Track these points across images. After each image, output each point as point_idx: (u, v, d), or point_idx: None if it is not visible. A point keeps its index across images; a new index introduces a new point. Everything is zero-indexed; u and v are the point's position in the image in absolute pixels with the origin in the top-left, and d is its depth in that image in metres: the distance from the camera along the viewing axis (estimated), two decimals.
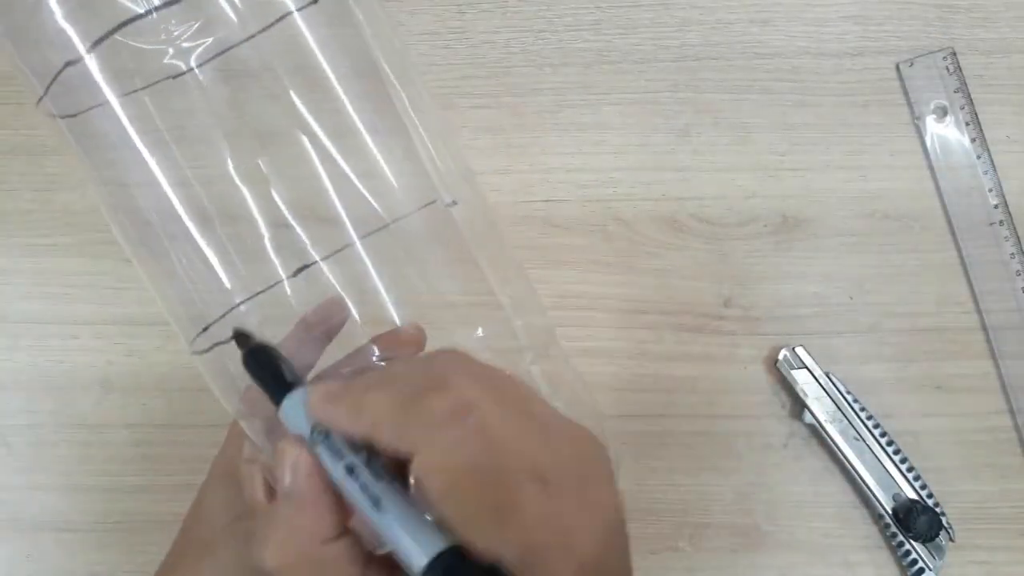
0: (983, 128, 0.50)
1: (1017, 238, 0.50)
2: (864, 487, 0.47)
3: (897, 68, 0.52)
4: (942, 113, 0.51)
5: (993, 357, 0.49)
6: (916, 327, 0.50)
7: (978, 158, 0.50)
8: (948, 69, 0.51)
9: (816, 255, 0.50)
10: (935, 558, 0.46)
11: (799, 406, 0.48)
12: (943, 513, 0.47)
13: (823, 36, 0.52)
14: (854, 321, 0.50)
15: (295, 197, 0.34)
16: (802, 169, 0.51)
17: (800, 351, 0.48)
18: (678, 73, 0.52)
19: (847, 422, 0.48)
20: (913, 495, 0.47)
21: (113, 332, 0.51)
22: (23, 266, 0.51)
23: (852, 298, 0.50)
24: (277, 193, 0.34)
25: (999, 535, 0.48)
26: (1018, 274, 0.50)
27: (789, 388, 0.48)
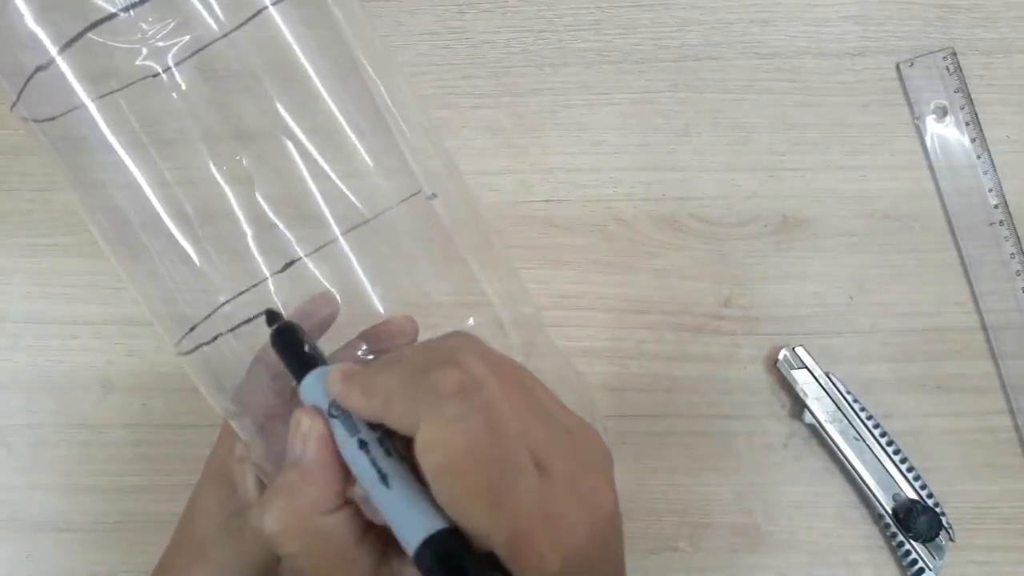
0: (983, 128, 0.50)
1: (1017, 238, 0.50)
2: (864, 487, 0.47)
3: (897, 68, 0.52)
4: (942, 113, 0.51)
5: (993, 357, 0.49)
6: (916, 327, 0.50)
7: (978, 158, 0.50)
8: (948, 69, 0.51)
9: (816, 255, 0.50)
10: (935, 558, 0.46)
11: (799, 406, 0.48)
12: (943, 513, 0.47)
13: (823, 36, 0.52)
14: (854, 321, 0.50)
15: (276, 195, 0.34)
16: (802, 169, 0.51)
17: (800, 351, 0.48)
18: (678, 73, 0.52)
19: (847, 422, 0.48)
20: (913, 495, 0.47)
21: (113, 332, 0.51)
22: (23, 266, 0.51)
23: (852, 298, 0.50)
24: (258, 191, 0.34)
25: (999, 535, 0.48)
26: (1018, 274, 0.50)
27: (789, 388, 0.48)
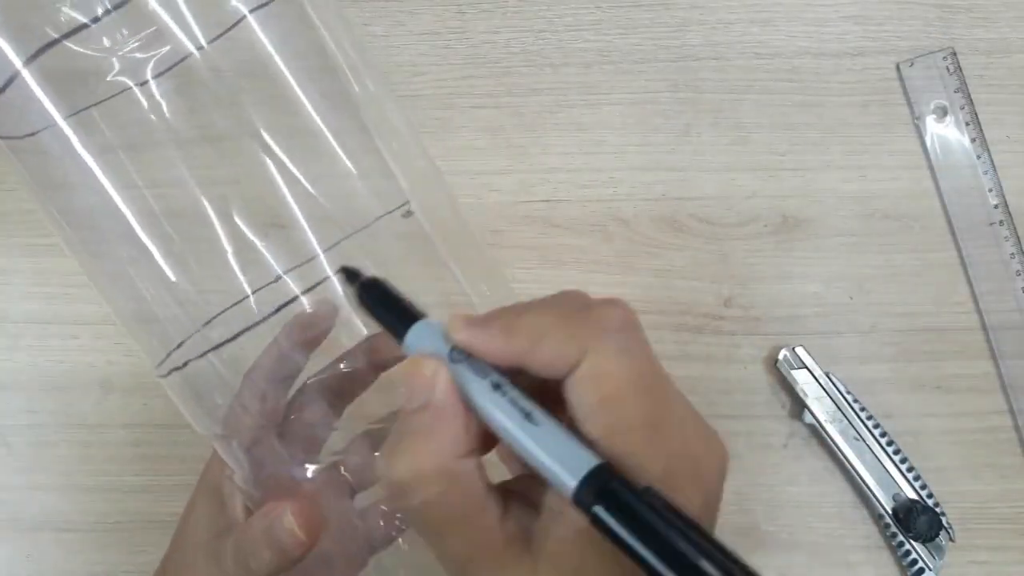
0: (983, 128, 0.50)
1: (1017, 238, 0.50)
2: (864, 487, 0.47)
3: (897, 68, 0.52)
4: (942, 113, 0.51)
5: (993, 357, 0.49)
6: (916, 327, 0.50)
7: (978, 158, 0.50)
8: (948, 69, 0.51)
9: (816, 255, 0.50)
10: (935, 558, 0.46)
11: (799, 406, 0.48)
12: (943, 513, 0.47)
13: (823, 36, 0.52)
14: (854, 321, 0.50)
15: (257, 210, 0.33)
16: (802, 169, 0.51)
17: (800, 351, 0.48)
18: (678, 73, 0.52)
19: (847, 422, 0.48)
20: (913, 495, 0.47)
21: (113, 332, 0.51)
22: (23, 266, 0.51)
23: (852, 298, 0.50)
24: (239, 207, 0.33)
25: (999, 535, 0.48)
26: (1018, 274, 0.50)
27: (789, 388, 0.48)
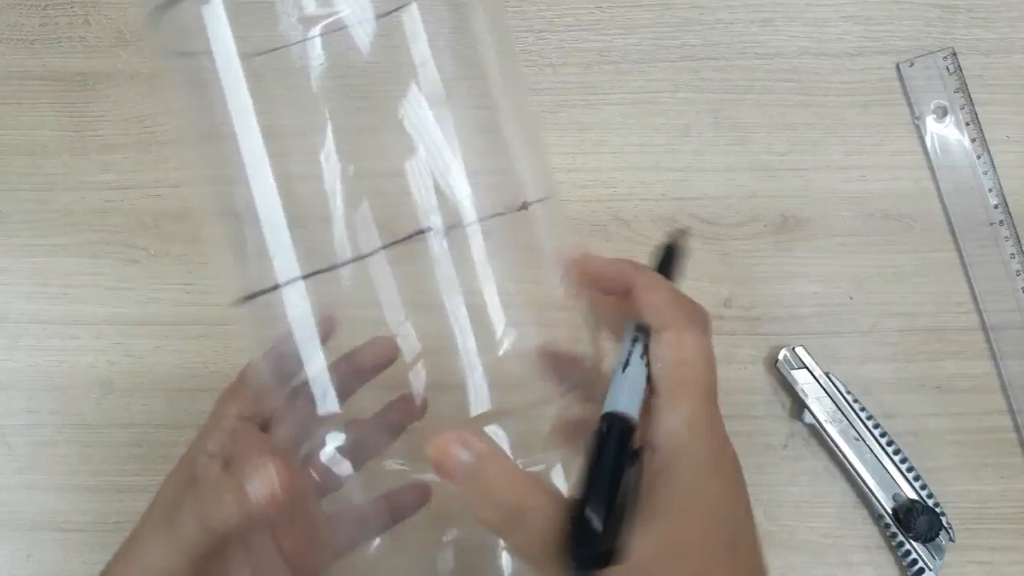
0: (983, 128, 0.50)
1: (1017, 238, 0.50)
2: (864, 487, 0.47)
3: (897, 68, 0.51)
4: (942, 113, 0.51)
5: (993, 357, 0.49)
6: (916, 327, 0.50)
7: (978, 158, 0.50)
8: (948, 69, 0.51)
9: (816, 255, 0.50)
10: (935, 558, 0.46)
11: (799, 406, 0.48)
12: (943, 513, 0.47)
13: (823, 36, 0.52)
14: (854, 321, 0.50)
15: (377, 182, 0.34)
16: (802, 169, 0.51)
17: (800, 351, 0.48)
18: (678, 73, 0.52)
19: (847, 422, 0.48)
20: (913, 495, 0.47)
21: (113, 332, 0.51)
22: (23, 266, 0.51)
23: (852, 298, 0.50)
24: (359, 176, 0.34)
25: (999, 535, 0.48)
26: (1018, 274, 0.50)
27: (789, 388, 0.48)
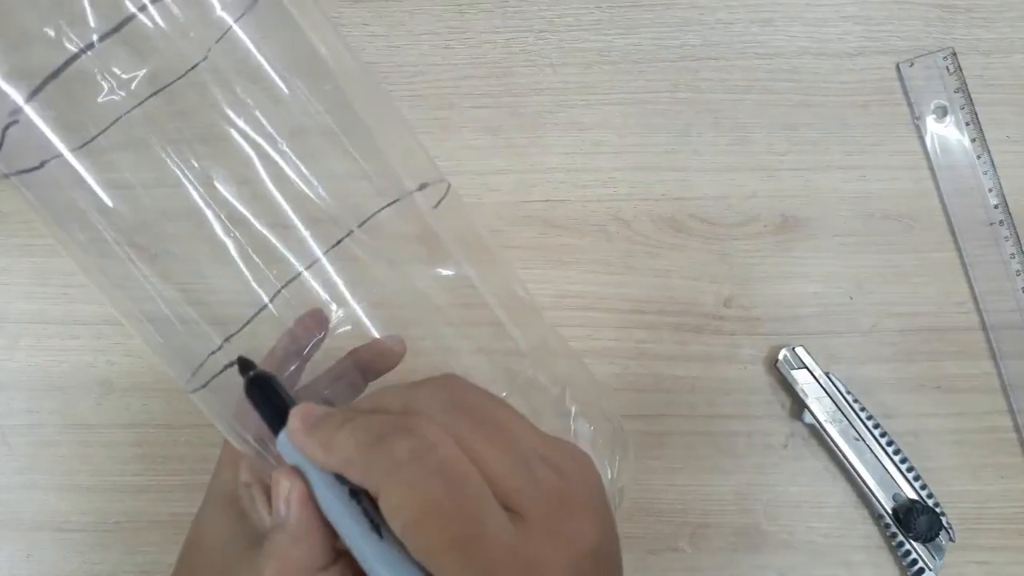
0: (983, 128, 0.50)
1: (1017, 238, 0.50)
2: (864, 487, 0.47)
3: (897, 68, 0.51)
4: (942, 113, 0.51)
5: (993, 357, 0.49)
6: (916, 327, 0.50)
7: (978, 158, 0.50)
8: (948, 69, 0.51)
9: (816, 255, 0.50)
10: (935, 558, 0.46)
11: (799, 406, 0.48)
12: (943, 513, 0.47)
13: (823, 36, 0.52)
14: (854, 321, 0.50)
15: (263, 215, 0.34)
16: (802, 169, 0.51)
17: (800, 351, 0.48)
18: (678, 73, 0.52)
19: (847, 422, 0.48)
20: (913, 495, 0.47)
21: (113, 332, 0.51)
22: (23, 266, 0.51)
23: (852, 298, 0.50)
24: (247, 214, 0.34)
25: (999, 535, 0.48)
26: (1018, 274, 0.50)
27: (789, 388, 0.48)
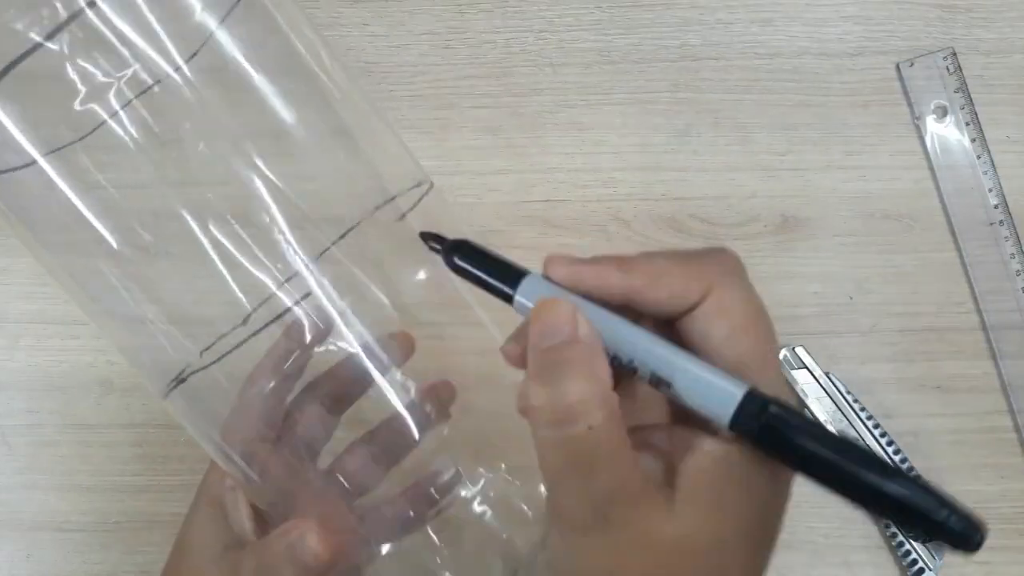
0: (983, 128, 0.50)
1: (1017, 238, 0.50)
2: None
3: (897, 68, 0.51)
4: (942, 113, 0.51)
5: (993, 357, 0.49)
6: (916, 327, 0.50)
7: (978, 158, 0.50)
8: (948, 69, 0.51)
9: (816, 255, 0.50)
10: (935, 558, 0.46)
11: (799, 406, 0.48)
12: None
13: (823, 36, 0.52)
14: (854, 321, 0.50)
15: (245, 220, 0.33)
16: (802, 169, 0.51)
17: (800, 351, 0.48)
18: (678, 73, 0.52)
19: (847, 422, 0.48)
20: None
21: None
22: (23, 266, 0.51)
23: (852, 298, 0.50)
24: (228, 223, 0.33)
25: (999, 535, 0.48)
26: (1018, 274, 0.50)
27: (789, 388, 0.48)
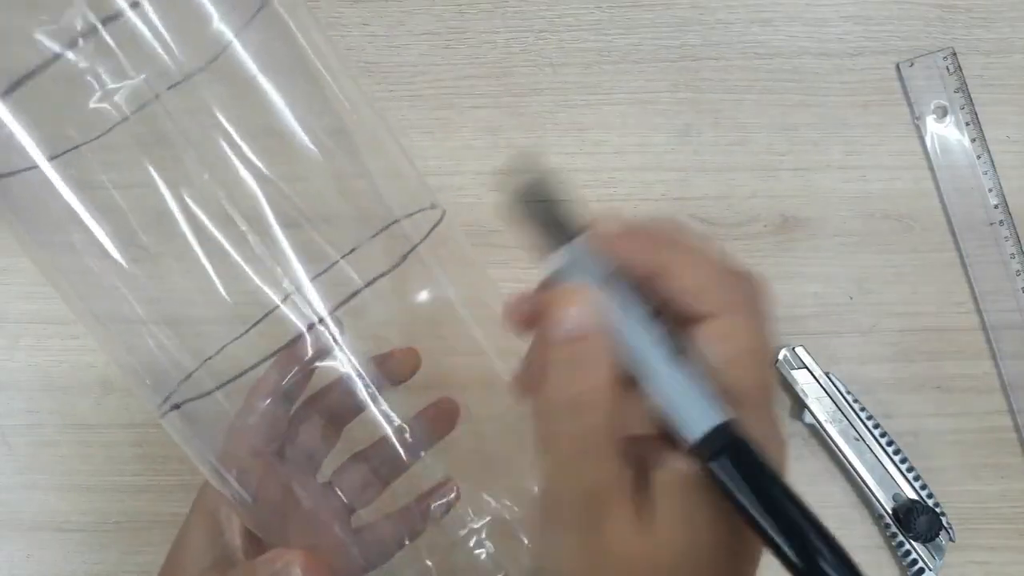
0: (983, 128, 0.50)
1: (1017, 238, 0.50)
2: (864, 487, 0.47)
3: (897, 68, 0.51)
4: (942, 113, 0.51)
5: (993, 357, 0.49)
6: (916, 327, 0.50)
7: (978, 158, 0.50)
8: (948, 69, 0.51)
9: (816, 255, 0.50)
10: (935, 558, 0.46)
11: (799, 406, 0.48)
12: (943, 513, 0.47)
13: (823, 36, 0.52)
14: (854, 321, 0.50)
15: (254, 239, 0.33)
16: (802, 169, 0.51)
17: (800, 351, 0.48)
18: (678, 73, 0.52)
19: (847, 422, 0.48)
20: (913, 495, 0.47)
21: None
22: (23, 266, 0.51)
23: (852, 298, 0.50)
24: (238, 237, 0.33)
25: (999, 535, 0.48)
26: (1018, 274, 0.50)
27: (789, 388, 0.48)
